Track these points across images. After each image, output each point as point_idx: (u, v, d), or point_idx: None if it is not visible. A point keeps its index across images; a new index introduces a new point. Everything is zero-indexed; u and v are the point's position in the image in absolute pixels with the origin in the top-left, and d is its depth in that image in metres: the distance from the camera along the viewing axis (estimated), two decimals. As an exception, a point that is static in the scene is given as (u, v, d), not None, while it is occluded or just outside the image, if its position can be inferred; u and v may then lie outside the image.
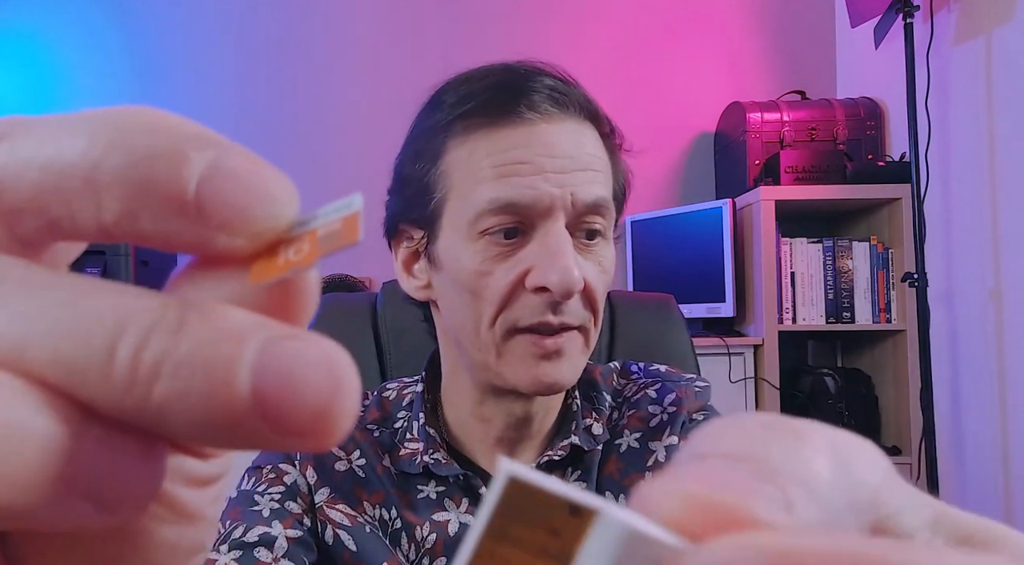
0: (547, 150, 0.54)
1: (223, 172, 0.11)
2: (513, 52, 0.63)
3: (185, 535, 0.14)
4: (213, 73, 2.36)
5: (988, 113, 1.72)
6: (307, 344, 0.11)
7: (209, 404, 0.10)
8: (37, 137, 0.12)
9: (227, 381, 0.10)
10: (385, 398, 0.66)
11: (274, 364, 0.11)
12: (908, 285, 1.77)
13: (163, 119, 0.12)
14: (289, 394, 0.11)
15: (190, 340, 0.11)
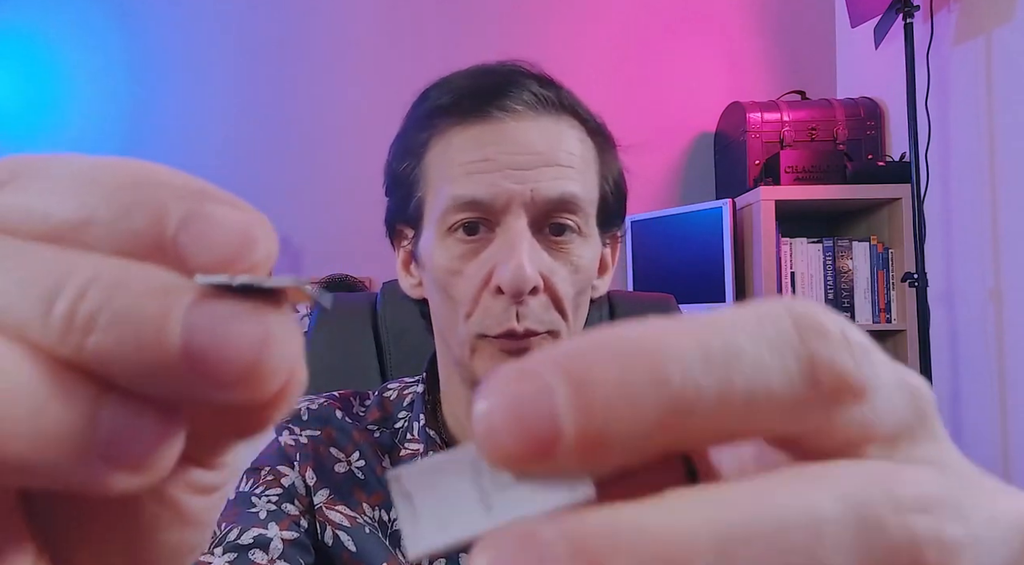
0: (511, 147, 0.54)
1: (199, 218, 0.12)
2: (513, 52, 0.63)
3: (185, 537, 0.15)
4: (212, 73, 2.36)
5: (988, 113, 1.72)
6: (234, 301, 0.12)
7: (143, 355, 0.11)
8: (36, 189, 0.13)
9: (159, 335, 0.11)
10: (386, 398, 0.66)
11: (202, 321, 0.11)
12: (908, 285, 1.77)
13: (146, 172, 0.13)
14: (215, 349, 0.11)
15: (126, 295, 0.11)
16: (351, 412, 0.65)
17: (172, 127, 2.34)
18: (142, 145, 2.34)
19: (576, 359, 0.11)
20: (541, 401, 0.11)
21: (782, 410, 0.11)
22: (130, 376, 0.11)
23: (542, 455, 0.11)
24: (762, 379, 0.11)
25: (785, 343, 0.11)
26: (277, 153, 2.34)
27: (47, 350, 0.11)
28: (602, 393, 0.11)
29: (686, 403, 0.11)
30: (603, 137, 0.61)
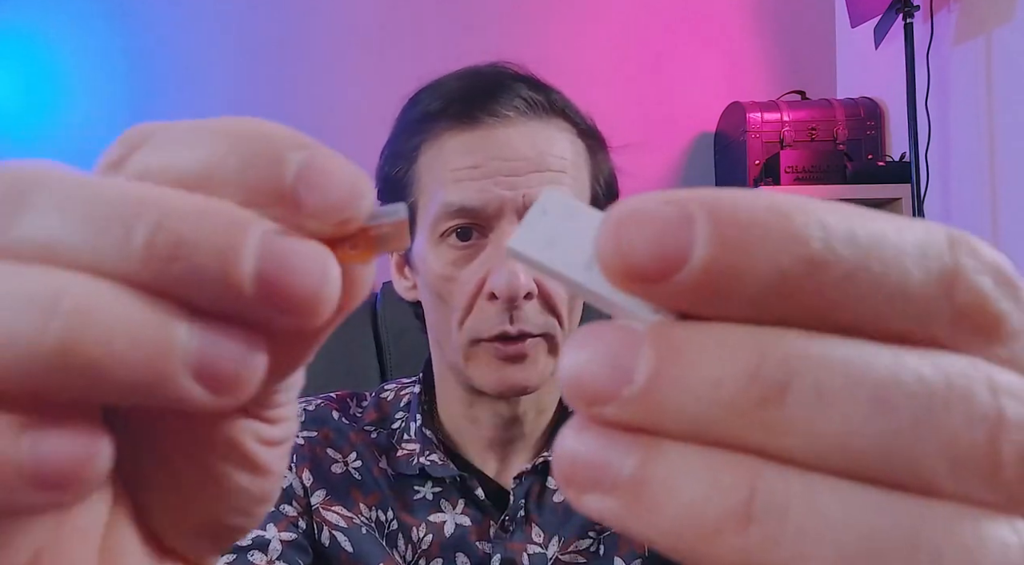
0: (501, 153, 0.55)
1: (314, 169, 0.13)
2: (513, 52, 0.63)
3: (256, 483, 0.17)
4: (212, 73, 2.36)
5: (988, 113, 1.72)
6: (300, 240, 0.13)
7: (218, 281, 0.12)
8: (167, 146, 0.15)
9: (235, 262, 0.12)
10: (383, 399, 0.67)
11: (275, 251, 0.12)
12: (908, 285, 1.77)
13: (263, 126, 0.15)
14: (285, 277, 0.12)
15: (203, 225, 0.12)
16: (348, 413, 0.65)
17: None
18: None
19: (723, 199, 0.11)
20: (681, 223, 0.11)
21: (907, 311, 0.11)
22: (207, 299, 0.12)
23: (664, 275, 0.11)
24: (898, 271, 0.11)
25: (933, 248, 0.11)
26: (277, 153, 2.34)
27: (127, 279, 0.12)
28: (740, 232, 0.11)
29: (817, 266, 0.11)
30: (594, 138, 0.62)
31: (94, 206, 0.13)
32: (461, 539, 0.58)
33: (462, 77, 0.60)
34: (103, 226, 0.12)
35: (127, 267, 0.12)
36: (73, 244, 0.12)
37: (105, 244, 0.12)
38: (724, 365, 0.11)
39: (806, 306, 0.11)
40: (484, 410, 0.61)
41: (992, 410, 0.10)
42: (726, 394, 0.11)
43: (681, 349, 0.11)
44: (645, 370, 0.11)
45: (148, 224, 0.12)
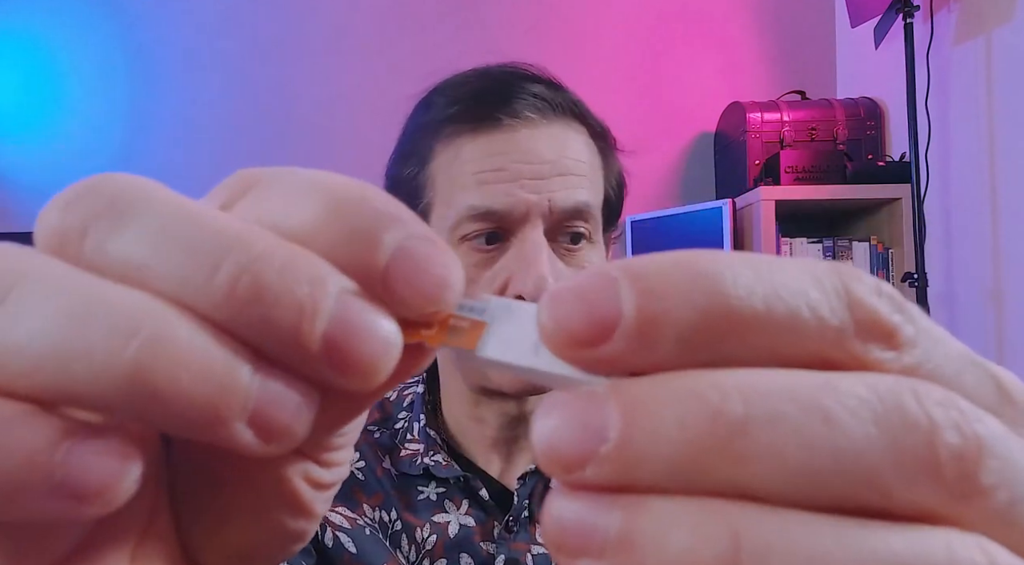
0: (525, 157, 0.54)
1: (407, 257, 0.14)
2: (513, 53, 0.63)
3: (296, 522, 0.18)
4: (211, 73, 2.36)
5: (988, 113, 1.72)
6: (373, 309, 0.13)
7: (289, 334, 0.13)
8: (271, 199, 0.15)
9: (309, 321, 0.13)
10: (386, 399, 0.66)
11: (348, 317, 0.13)
12: (908, 285, 1.77)
13: (367, 195, 0.14)
14: (350, 344, 0.13)
15: (285, 274, 0.13)
16: None
17: (171, 127, 2.34)
18: (142, 145, 2.34)
19: (637, 263, 0.12)
20: (606, 287, 0.12)
21: (820, 333, 0.12)
22: (274, 348, 0.13)
23: (604, 335, 0.12)
24: (804, 299, 0.12)
25: (826, 278, 0.13)
26: (276, 153, 2.34)
27: (202, 313, 0.13)
28: (656, 282, 0.12)
29: (734, 302, 0.12)
30: (605, 140, 0.61)
31: (189, 235, 0.13)
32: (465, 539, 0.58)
33: (477, 77, 0.58)
34: (193, 257, 0.13)
35: (207, 302, 0.13)
36: (161, 270, 0.13)
37: (191, 275, 0.13)
38: (686, 407, 0.11)
39: (737, 342, 0.12)
40: (490, 409, 0.60)
41: (923, 417, 0.11)
42: (693, 433, 0.11)
43: (644, 400, 0.12)
44: (615, 426, 0.12)
45: (235, 264, 0.13)
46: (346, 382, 0.13)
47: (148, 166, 2.33)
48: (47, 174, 2.32)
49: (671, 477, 0.11)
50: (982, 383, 0.13)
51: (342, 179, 0.15)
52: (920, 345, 0.13)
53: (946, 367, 0.13)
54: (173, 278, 0.13)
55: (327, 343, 0.13)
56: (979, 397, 0.13)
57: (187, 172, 2.34)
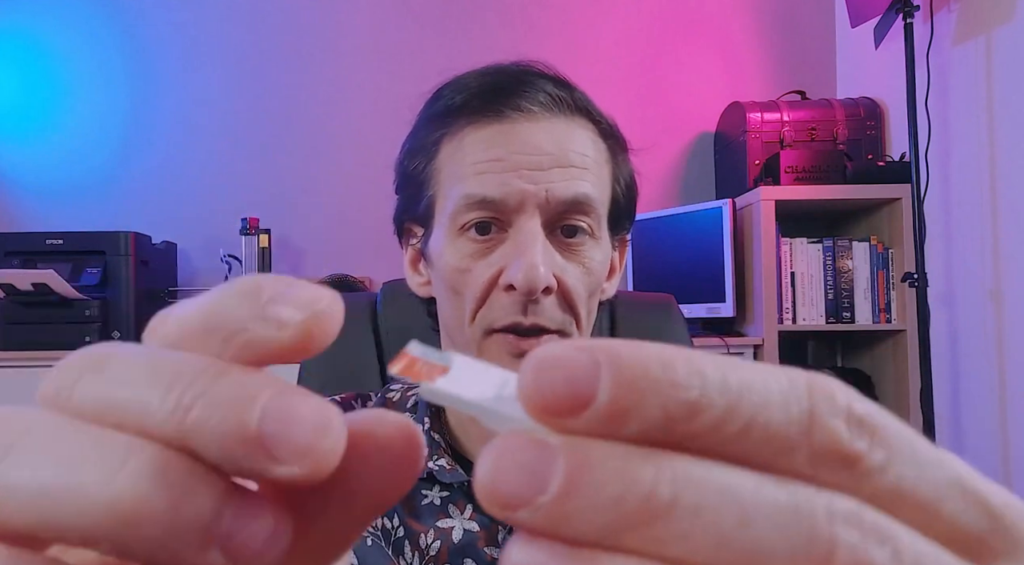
0: (524, 148, 0.54)
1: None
2: (515, 53, 0.63)
3: None
4: (211, 73, 2.36)
5: (988, 113, 1.72)
6: (304, 401, 0.14)
7: (227, 432, 0.13)
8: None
9: (244, 415, 0.14)
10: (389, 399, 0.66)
11: (276, 412, 0.14)
12: (908, 285, 1.77)
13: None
14: (282, 435, 0.14)
15: (222, 387, 0.14)
16: None
17: (171, 127, 2.34)
18: (141, 145, 2.33)
19: (623, 352, 0.13)
20: (590, 371, 0.13)
21: (773, 447, 0.13)
22: (212, 448, 0.14)
23: (574, 411, 0.13)
24: (764, 415, 0.13)
25: (794, 394, 0.13)
26: (277, 153, 2.34)
27: (161, 436, 0.14)
28: (636, 381, 0.13)
29: (694, 409, 0.13)
30: (615, 140, 0.61)
31: (144, 374, 0.14)
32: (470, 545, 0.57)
33: (485, 73, 0.58)
34: (150, 389, 0.14)
35: (166, 423, 0.14)
36: (129, 405, 0.14)
37: (150, 402, 0.14)
38: (624, 484, 0.13)
39: (690, 437, 0.13)
40: None
41: (827, 534, 0.12)
42: (624, 509, 0.12)
43: (589, 466, 0.13)
44: (558, 481, 0.13)
45: (184, 389, 0.14)
46: (288, 466, 0.14)
47: (147, 166, 2.33)
48: (47, 174, 2.32)
49: (596, 536, 0.13)
50: (967, 510, 0.14)
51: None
52: (891, 470, 0.14)
53: (922, 492, 0.14)
54: (138, 406, 0.14)
55: (262, 433, 0.13)
56: (960, 525, 0.14)
57: (186, 172, 2.33)
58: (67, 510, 0.13)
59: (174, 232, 2.26)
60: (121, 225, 2.03)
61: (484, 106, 0.55)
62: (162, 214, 2.30)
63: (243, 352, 0.15)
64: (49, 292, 1.85)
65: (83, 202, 2.31)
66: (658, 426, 0.13)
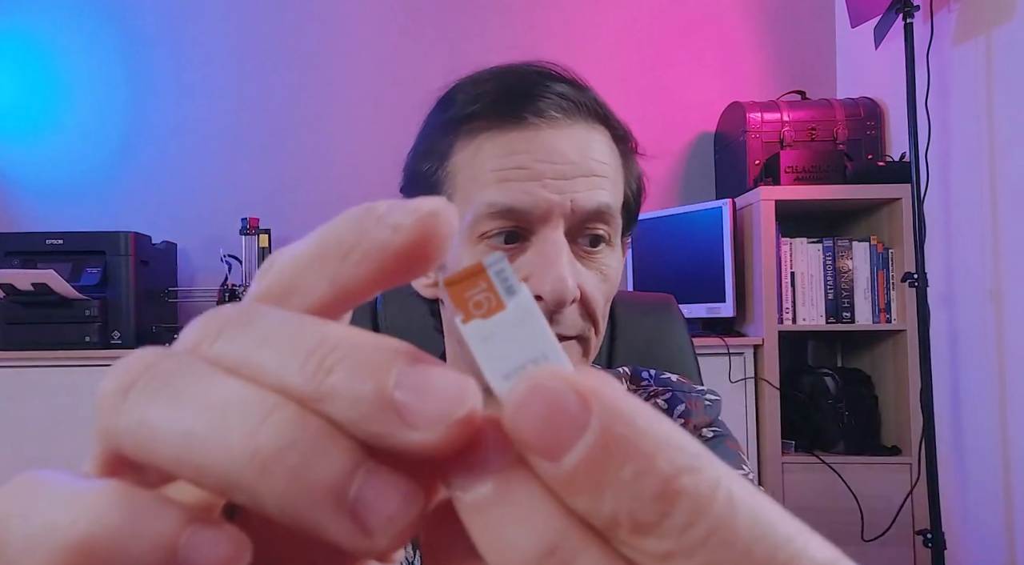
0: (548, 156, 0.53)
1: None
2: (515, 53, 0.62)
3: None
4: (211, 73, 2.36)
5: (988, 113, 1.72)
6: (441, 370, 0.14)
7: (363, 395, 0.14)
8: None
9: (380, 382, 0.14)
10: None
11: (413, 377, 0.14)
12: (908, 285, 1.77)
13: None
14: (417, 400, 0.14)
15: (360, 355, 0.14)
16: None
17: (171, 127, 2.34)
18: (141, 145, 2.33)
19: (622, 419, 0.13)
20: (575, 430, 0.13)
21: None
22: (356, 412, 0.14)
23: (549, 454, 0.13)
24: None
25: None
26: (277, 153, 2.34)
27: (300, 396, 0.14)
28: (612, 465, 0.13)
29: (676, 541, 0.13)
30: (626, 143, 0.61)
31: (286, 335, 0.15)
32: None
33: (500, 74, 0.57)
34: (295, 353, 0.15)
35: (306, 387, 0.14)
36: (270, 364, 0.15)
37: (292, 366, 0.14)
38: (525, 534, 0.13)
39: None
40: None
41: None
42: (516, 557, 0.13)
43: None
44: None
45: (325, 353, 0.14)
46: (420, 433, 0.14)
47: (147, 166, 2.33)
48: (47, 174, 2.32)
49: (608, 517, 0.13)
50: None
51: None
52: None
53: None
54: (279, 365, 0.14)
55: (397, 397, 0.14)
56: None
57: (186, 172, 2.33)
58: (209, 455, 0.14)
59: (174, 232, 2.26)
60: (121, 225, 2.03)
61: (504, 110, 0.54)
62: (162, 214, 2.30)
63: (361, 266, 0.16)
64: (49, 292, 1.85)
65: (83, 202, 2.31)
66: (614, 520, 0.13)
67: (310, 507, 0.13)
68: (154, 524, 0.14)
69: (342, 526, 0.14)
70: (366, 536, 0.14)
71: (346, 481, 0.14)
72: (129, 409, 0.15)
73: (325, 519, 0.14)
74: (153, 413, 0.14)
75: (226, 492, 0.14)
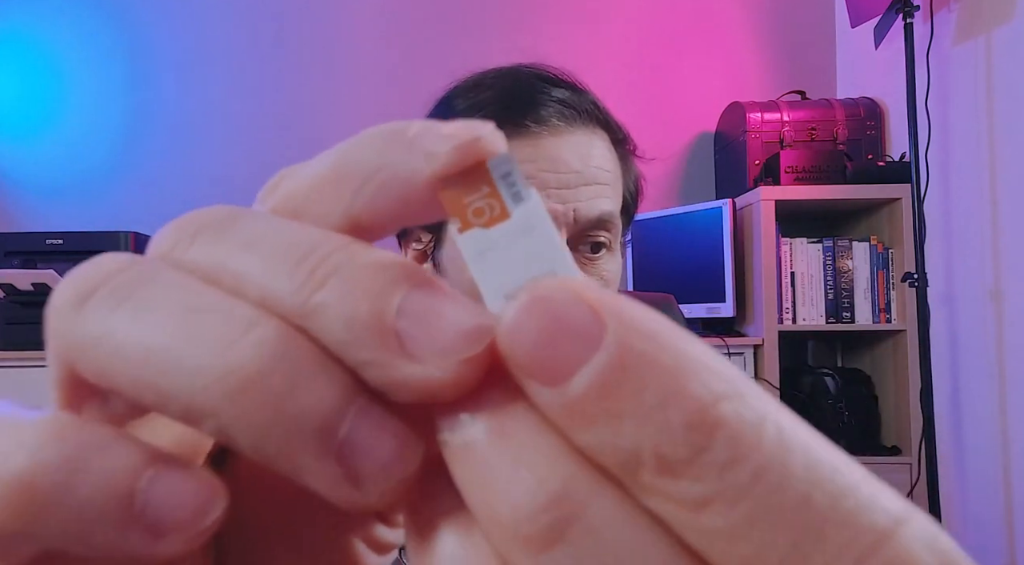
0: (552, 165, 0.53)
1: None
2: (514, 54, 0.62)
3: None
4: (211, 73, 2.36)
5: (988, 113, 1.72)
6: (453, 295, 0.12)
7: (357, 315, 0.12)
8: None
9: (379, 299, 0.12)
10: None
11: (420, 297, 0.12)
12: (908, 285, 1.77)
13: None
14: (423, 326, 0.12)
15: (360, 267, 0.12)
16: None
17: (171, 127, 2.34)
18: (141, 145, 2.33)
19: (644, 333, 0.11)
20: (584, 347, 0.11)
21: (821, 549, 0.11)
22: (348, 335, 0.12)
23: (551, 378, 0.11)
24: (837, 515, 0.11)
25: (882, 507, 0.11)
26: (276, 152, 2.34)
27: (285, 311, 0.12)
28: (631, 388, 0.11)
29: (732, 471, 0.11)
30: (624, 146, 0.61)
31: (273, 241, 0.13)
32: None
33: (500, 79, 0.57)
34: (276, 260, 0.13)
35: (292, 300, 0.12)
36: (252, 272, 0.13)
37: (278, 276, 0.12)
38: (525, 482, 0.11)
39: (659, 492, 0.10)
40: None
41: None
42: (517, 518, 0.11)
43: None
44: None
45: (312, 262, 0.12)
46: (429, 367, 0.12)
47: (147, 166, 2.33)
48: (47, 174, 2.32)
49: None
50: None
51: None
52: None
53: None
54: (262, 274, 0.12)
55: (398, 322, 0.12)
56: None
57: (186, 172, 2.33)
58: (173, 377, 0.12)
59: (174, 232, 2.26)
60: (121, 225, 2.03)
61: (504, 117, 0.54)
62: (162, 214, 2.28)
63: (381, 198, 0.13)
64: (49, 292, 1.84)
65: (83, 202, 2.31)
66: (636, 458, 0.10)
67: (289, 446, 0.11)
68: (105, 462, 0.12)
69: (326, 472, 0.12)
70: (354, 486, 0.12)
71: (334, 417, 0.11)
72: (85, 321, 0.12)
73: (306, 461, 0.11)
74: (113, 326, 0.12)
75: (192, 422, 0.12)
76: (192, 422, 0.12)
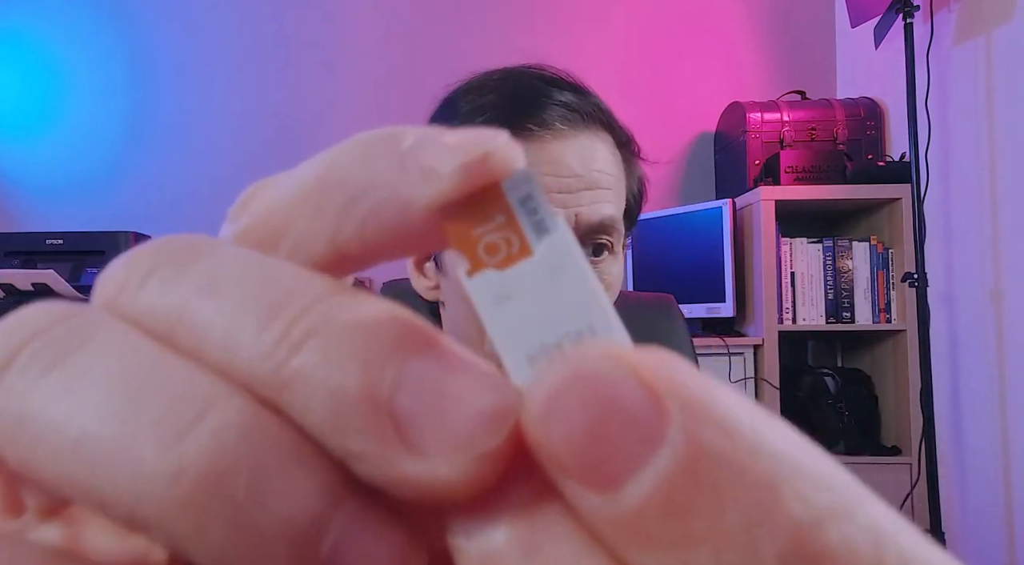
0: (554, 169, 0.53)
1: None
2: (514, 54, 0.62)
3: None
4: (211, 73, 2.36)
5: (988, 113, 1.72)
6: (474, 364, 0.10)
7: (343, 389, 0.09)
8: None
9: (372, 372, 0.09)
10: None
11: (426, 371, 0.10)
12: (908, 285, 1.77)
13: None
14: (428, 410, 0.09)
15: (346, 328, 0.10)
16: None
17: (171, 127, 2.34)
18: (142, 144, 2.33)
19: (718, 424, 0.09)
20: (642, 444, 0.08)
21: None
22: (330, 415, 0.09)
23: (598, 483, 0.08)
24: None
25: None
26: (276, 153, 2.34)
27: (252, 380, 0.10)
28: (705, 503, 0.08)
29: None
30: (628, 148, 0.61)
31: (241, 287, 0.10)
32: None
33: (503, 81, 0.56)
34: (243, 313, 0.10)
35: (262, 367, 0.10)
36: (212, 327, 0.10)
37: (244, 334, 0.10)
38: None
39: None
40: None
41: None
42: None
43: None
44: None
45: (288, 315, 0.10)
46: (428, 467, 0.09)
47: (147, 166, 2.33)
48: (47, 174, 2.32)
49: None
50: None
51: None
52: None
53: None
54: (225, 332, 0.10)
55: (396, 401, 0.09)
56: None
57: (186, 172, 2.33)
58: (111, 474, 0.09)
59: (174, 232, 2.25)
60: (121, 225, 2.03)
61: (508, 121, 0.53)
62: (162, 214, 2.30)
63: (369, 223, 0.11)
64: (49, 292, 1.85)
65: (83, 202, 2.31)
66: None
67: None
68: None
69: None
70: None
71: (314, 530, 0.09)
72: (5, 394, 0.10)
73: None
74: (35, 403, 0.09)
75: (137, 530, 0.09)
76: (137, 531, 0.09)
